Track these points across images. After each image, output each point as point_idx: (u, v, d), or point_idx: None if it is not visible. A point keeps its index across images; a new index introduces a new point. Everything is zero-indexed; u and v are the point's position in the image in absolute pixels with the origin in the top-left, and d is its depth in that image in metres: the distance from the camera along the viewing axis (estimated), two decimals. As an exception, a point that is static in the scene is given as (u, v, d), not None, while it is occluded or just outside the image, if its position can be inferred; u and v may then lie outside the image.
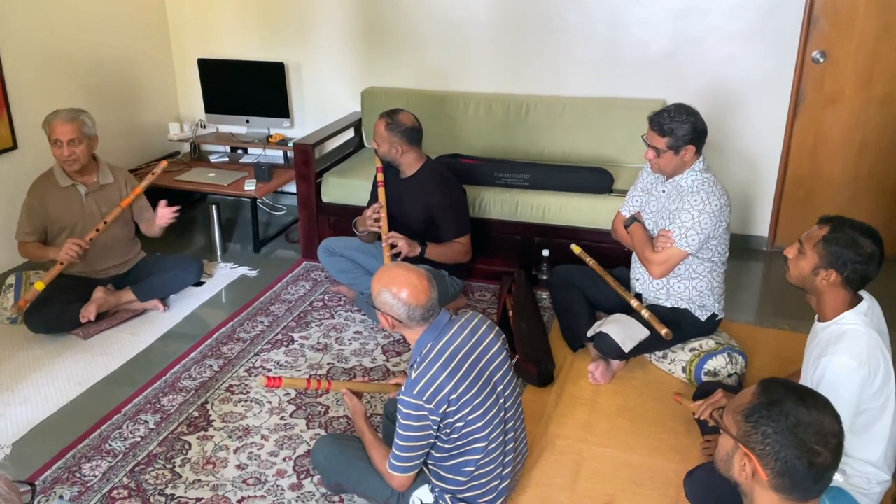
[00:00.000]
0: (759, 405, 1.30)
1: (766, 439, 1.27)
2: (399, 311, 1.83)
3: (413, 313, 1.83)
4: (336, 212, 3.82)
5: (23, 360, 2.96)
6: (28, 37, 3.57)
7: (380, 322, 1.95)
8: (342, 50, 4.33)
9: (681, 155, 2.64)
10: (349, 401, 2.06)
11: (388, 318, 1.85)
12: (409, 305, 1.82)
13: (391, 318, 1.83)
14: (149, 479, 2.31)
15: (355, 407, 2.04)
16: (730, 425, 1.34)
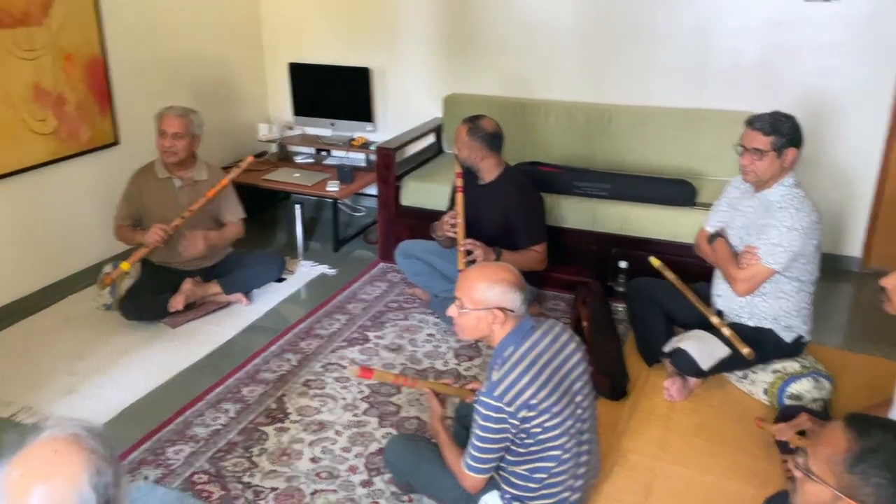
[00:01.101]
0: (861, 453, 1.19)
1: (879, 491, 1.17)
2: (515, 299, 1.86)
3: (524, 303, 1.88)
4: (414, 215, 3.87)
5: (116, 346, 3.13)
6: (132, 40, 3.78)
7: (455, 326, 1.97)
8: (426, 56, 4.40)
9: (782, 158, 2.55)
10: (431, 401, 2.08)
11: (493, 314, 1.85)
12: (523, 293, 1.87)
13: (501, 314, 1.84)
14: (228, 466, 2.40)
15: (435, 408, 2.07)
16: (825, 475, 1.22)
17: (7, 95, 3.16)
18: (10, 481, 1.02)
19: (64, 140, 3.47)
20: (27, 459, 1.04)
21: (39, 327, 3.26)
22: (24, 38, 3.20)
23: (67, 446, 1.05)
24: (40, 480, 1.02)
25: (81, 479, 1.03)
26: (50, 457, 1.04)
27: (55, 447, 1.05)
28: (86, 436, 1.08)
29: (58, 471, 1.03)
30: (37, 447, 1.06)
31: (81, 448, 1.06)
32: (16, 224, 3.32)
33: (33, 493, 1.01)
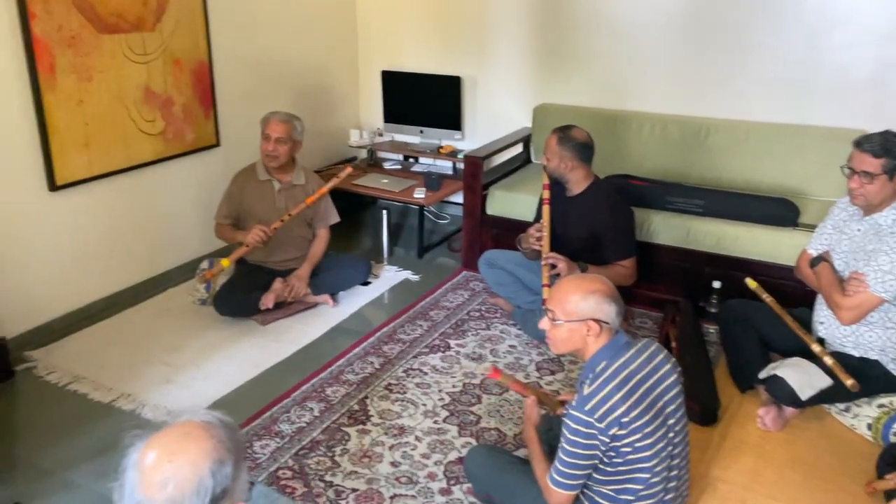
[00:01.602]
0: None
1: None
2: (610, 311, 1.83)
3: (618, 315, 1.84)
4: (499, 225, 3.86)
5: (209, 340, 3.25)
6: (236, 46, 3.93)
7: (547, 339, 1.94)
8: (517, 65, 4.39)
9: (894, 181, 2.41)
10: (530, 408, 2.05)
11: (587, 326, 1.82)
12: (618, 305, 1.83)
13: (595, 325, 1.81)
14: (311, 464, 2.45)
15: (533, 415, 2.03)
16: None
17: (121, 96, 3.35)
18: (144, 459, 1.09)
19: (170, 140, 3.64)
20: (162, 437, 1.11)
21: (140, 318, 3.42)
22: (137, 43, 3.38)
23: (198, 431, 1.11)
24: (168, 459, 1.08)
25: (203, 466, 1.08)
26: (181, 438, 1.10)
27: (188, 430, 1.12)
28: (217, 425, 1.14)
29: (184, 453, 1.09)
30: (173, 428, 1.13)
31: (210, 436, 1.11)
32: (124, 219, 3.50)
33: (161, 469, 1.07)
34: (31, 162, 3.04)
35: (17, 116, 2.96)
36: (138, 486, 1.07)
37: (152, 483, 1.07)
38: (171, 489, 1.06)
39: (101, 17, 3.19)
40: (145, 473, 1.08)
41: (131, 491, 1.08)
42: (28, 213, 3.07)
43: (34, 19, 2.92)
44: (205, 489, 1.08)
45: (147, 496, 1.06)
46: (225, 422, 1.16)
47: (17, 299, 3.08)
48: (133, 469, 1.09)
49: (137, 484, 1.08)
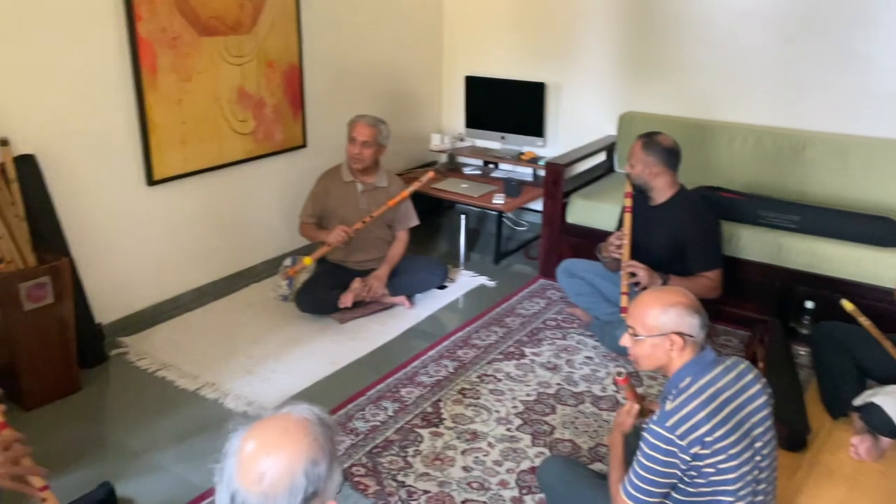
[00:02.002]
0: None
1: None
2: (693, 324, 1.77)
3: (703, 328, 1.77)
4: (579, 233, 3.80)
5: (289, 335, 3.32)
6: (325, 49, 4.03)
7: (630, 356, 1.89)
8: (603, 72, 4.32)
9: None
10: (625, 415, 1.99)
11: (670, 340, 1.76)
12: (701, 317, 1.77)
13: (679, 339, 1.76)
14: (384, 463, 2.47)
15: (626, 423, 1.98)
16: None
17: (216, 97, 3.48)
18: (244, 448, 1.10)
19: (260, 140, 3.76)
20: (262, 430, 1.12)
21: (225, 310, 3.54)
22: (234, 45, 3.51)
23: (296, 427, 1.11)
24: (265, 452, 1.09)
25: (298, 465, 1.09)
26: (280, 434, 1.10)
27: (287, 425, 1.12)
28: (315, 423, 1.13)
29: (282, 449, 1.09)
30: (272, 421, 1.13)
31: (307, 433, 1.11)
32: (214, 214, 3.63)
33: (259, 462, 1.08)
34: (131, 157, 3.20)
35: (121, 114, 3.12)
36: (236, 475, 1.09)
37: (249, 474, 1.08)
38: (265, 484, 1.07)
39: (201, 19, 3.32)
40: (243, 463, 1.09)
41: (230, 477, 1.09)
42: (127, 206, 3.23)
43: (140, 21, 3.07)
44: (297, 488, 1.08)
45: (243, 487, 1.08)
46: (324, 420, 1.16)
47: (114, 288, 3.23)
48: (233, 456, 1.11)
49: (235, 472, 1.09)
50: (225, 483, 1.10)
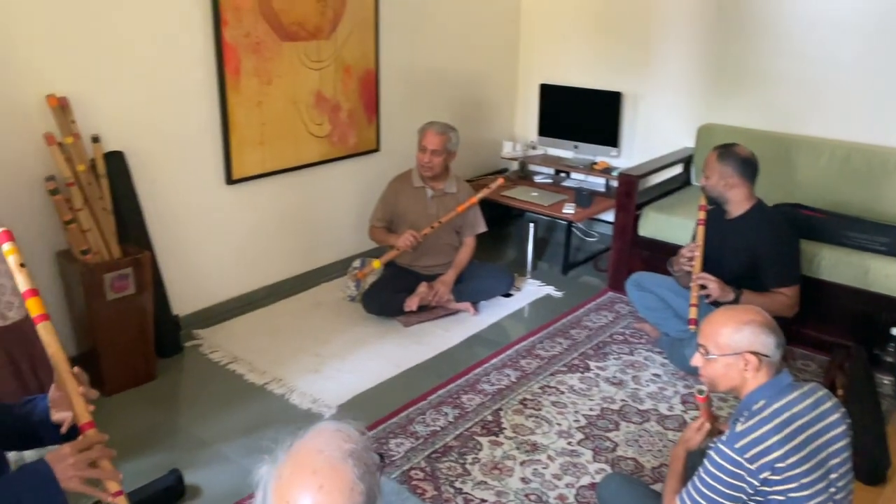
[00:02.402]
0: None
1: None
2: (768, 343, 1.71)
3: (778, 348, 1.71)
4: (650, 247, 3.72)
5: (355, 335, 3.37)
6: (401, 56, 4.08)
7: (701, 377, 1.83)
8: (683, 83, 4.22)
9: None
10: (694, 431, 1.93)
11: (744, 360, 1.71)
12: (776, 336, 1.71)
13: (754, 359, 1.70)
14: (442, 468, 2.47)
15: (694, 439, 1.92)
16: None
17: (295, 100, 3.57)
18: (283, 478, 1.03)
19: (335, 144, 3.84)
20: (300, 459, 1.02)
21: (295, 308, 3.62)
22: (313, 50, 3.60)
23: (332, 480, 1.00)
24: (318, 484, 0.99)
25: None
26: (315, 491, 1.00)
27: (321, 482, 1.00)
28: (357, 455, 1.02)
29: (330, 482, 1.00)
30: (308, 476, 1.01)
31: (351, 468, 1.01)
32: (287, 214, 3.73)
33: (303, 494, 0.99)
34: (212, 156, 3.32)
35: (205, 115, 3.24)
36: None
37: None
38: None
39: (283, 25, 3.42)
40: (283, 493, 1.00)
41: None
42: (206, 203, 3.35)
43: (226, 26, 3.19)
44: None
45: None
46: (365, 472, 1.02)
47: (191, 281, 3.36)
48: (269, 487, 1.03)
49: None
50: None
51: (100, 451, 1.47)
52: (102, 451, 1.47)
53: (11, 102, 2.64)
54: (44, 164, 2.72)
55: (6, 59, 2.60)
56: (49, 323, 1.55)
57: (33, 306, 1.54)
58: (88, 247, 2.74)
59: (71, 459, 1.41)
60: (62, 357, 1.54)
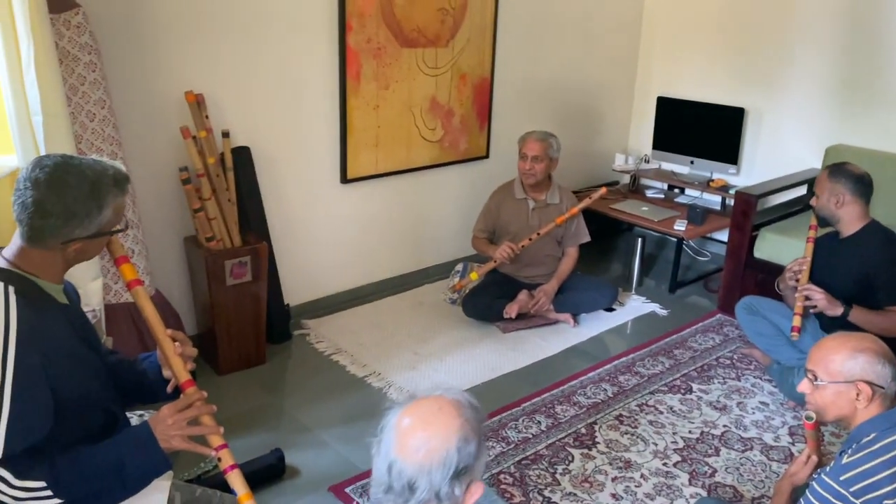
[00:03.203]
0: None
1: None
2: (884, 374, 1.63)
3: (894, 380, 1.63)
4: (766, 269, 3.55)
5: (453, 337, 3.43)
6: (516, 64, 4.11)
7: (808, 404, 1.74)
8: (812, 101, 4.01)
9: None
10: (799, 465, 1.85)
11: (856, 389, 1.62)
12: (893, 369, 1.63)
13: (867, 388, 1.61)
14: (531, 476, 2.47)
15: (801, 474, 1.84)
16: None
17: (410, 105, 3.68)
18: (402, 423, 1.19)
19: (445, 149, 3.92)
20: (417, 409, 1.20)
21: (398, 306, 3.73)
22: (431, 57, 3.69)
23: (450, 408, 1.19)
24: (422, 428, 1.17)
25: (452, 440, 1.16)
26: (435, 411, 1.19)
27: (440, 405, 1.20)
28: (466, 406, 1.21)
29: (436, 425, 1.17)
30: (427, 401, 1.21)
31: (459, 414, 1.19)
32: (396, 215, 3.84)
33: (416, 435, 1.16)
34: (330, 156, 3.47)
35: (325, 116, 3.40)
36: (393, 447, 1.17)
37: (406, 447, 1.16)
38: (421, 455, 1.15)
39: (404, 32, 3.54)
40: (401, 437, 1.17)
41: (387, 450, 1.17)
42: (322, 200, 3.51)
43: (350, 31, 3.33)
44: (450, 462, 1.14)
45: (400, 457, 1.15)
46: (473, 404, 1.23)
47: (304, 274, 3.53)
48: (391, 430, 1.19)
49: (393, 444, 1.17)
50: (382, 455, 1.18)
51: (199, 408, 1.53)
52: (202, 407, 1.54)
53: (154, 97, 2.88)
54: (178, 156, 2.95)
55: (151, 58, 2.84)
56: (142, 288, 1.62)
57: (127, 271, 1.61)
58: (213, 234, 2.93)
59: (170, 420, 1.49)
60: (157, 320, 1.61)
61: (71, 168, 1.44)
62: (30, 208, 1.40)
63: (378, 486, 1.18)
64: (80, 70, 2.52)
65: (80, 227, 1.44)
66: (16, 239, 1.45)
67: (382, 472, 1.17)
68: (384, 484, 1.16)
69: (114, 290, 2.71)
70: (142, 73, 2.82)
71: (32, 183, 1.40)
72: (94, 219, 1.45)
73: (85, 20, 2.50)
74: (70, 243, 1.45)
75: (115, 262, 1.61)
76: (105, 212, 1.47)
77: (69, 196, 1.41)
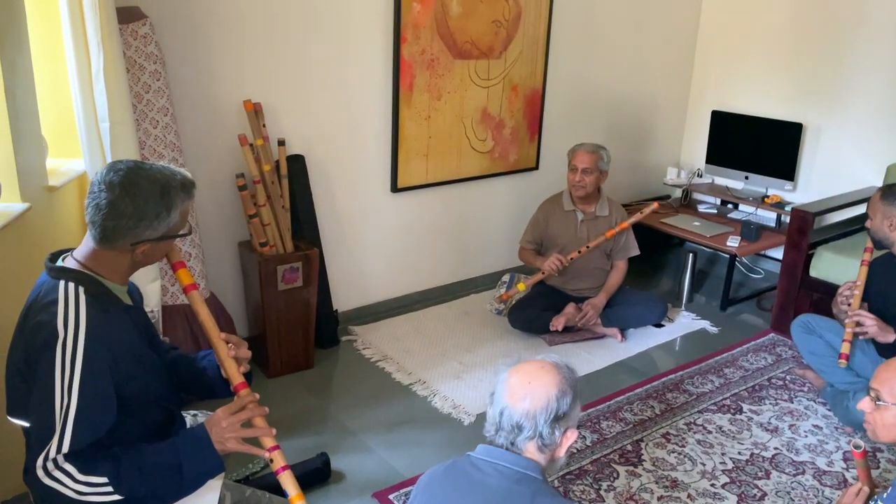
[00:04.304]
0: None
1: None
2: None
3: None
4: (822, 289, 3.45)
5: (498, 348, 3.43)
6: (568, 76, 4.10)
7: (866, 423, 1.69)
8: (873, 117, 3.90)
9: None
10: (851, 497, 1.81)
11: None
12: None
13: None
14: (575, 490, 2.45)
15: (851, 503, 1.80)
16: None
17: (461, 116, 3.71)
18: (511, 378, 1.49)
19: (496, 159, 3.93)
20: (524, 367, 1.50)
21: (444, 315, 3.75)
22: (483, 69, 3.72)
23: (550, 367, 1.50)
24: (528, 381, 1.47)
25: (552, 391, 1.45)
26: (538, 369, 1.49)
27: (542, 364, 1.50)
28: (563, 367, 1.52)
29: (540, 379, 1.47)
30: (531, 363, 1.52)
31: (558, 373, 1.49)
32: (445, 225, 3.87)
33: (523, 386, 1.47)
34: (381, 165, 3.52)
35: (378, 126, 3.45)
36: (504, 396, 1.47)
37: (515, 395, 1.46)
38: (527, 403, 1.45)
39: (457, 44, 3.57)
40: (511, 388, 1.47)
41: (499, 400, 1.48)
42: (373, 209, 3.56)
43: (404, 43, 3.38)
44: (551, 408, 1.44)
45: (510, 404, 1.46)
46: (569, 367, 1.54)
47: (353, 280, 3.58)
48: (502, 384, 1.49)
49: (503, 395, 1.47)
50: (495, 404, 1.48)
51: (252, 410, 1.58)
52: (254, 409, 1.58)
53: (214, 106, 2.97)
54: (235, 162, 3.03)
55: (212, 68, 2.93)
56: (197, 292, 1.68)
57: (183, 276, 1.67)
58: (266, 240, 3.00)
59: (224, 423, 1.55)
60: (212, 323, 1.66)
61: (143, 172, 1.50)
62: (104, 209, 1.46)
63: (491, 427, 1.49)
64: (145, 79, 2.62)
65: (150, 229, 1.50)
66: (87, 241, 1.52)
67: (495, 416, 1.47)
68: (496, 425, 1.47)
69: (170, 292, 2.79)
70: (203, 83, 2.92)
71: (107, 186, 1.46)
72: (162, 221, 1.51)
73: (151, 31, 2.60)
74: (139, 245, 1.51)
75: (172, 267, 1.67)
76: (173, 214, 1.53)
77: (140, 198, 1.47)
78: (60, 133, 2.55)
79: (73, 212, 2.53)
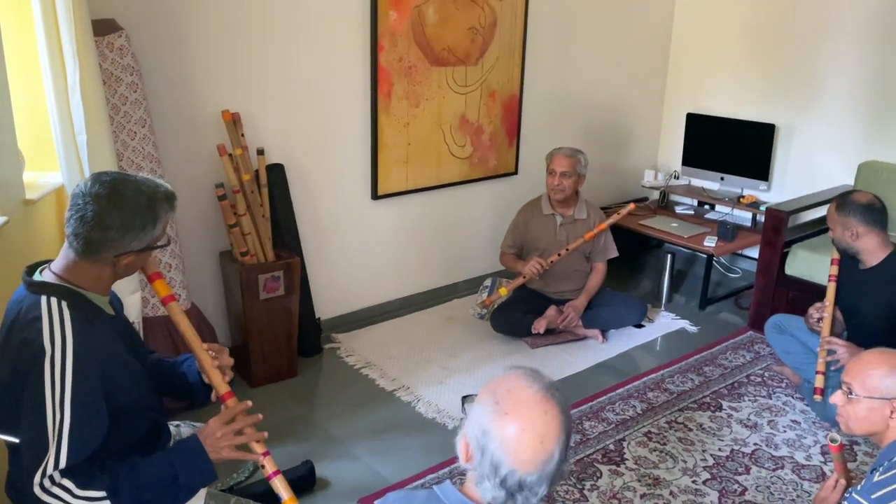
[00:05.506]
0: None
1: None
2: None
3: None
4: (797, 287, 3.52)
5: (481, 352, 3.45)
6: (545, 82, 4.15)
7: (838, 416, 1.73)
8: (843, 117, 3.98)
9: None
10: (829, 490, 1.84)
11: (890, 406, 1.62)
12: None
13: None
14: (559, 491, 2.47)
15: (829, 497, 1.83)
16: None
17: (440, 122, 3.73)
18: (512, 435, 1.17)
19: (475, 165, 3.96)
20: (524, 417, 1.17)
21: (427, 321, 3.76)
22: (461, 75, 3.75)
23: (554, 412, 1.18)
24: (539, 440, 1.16)
25: (561, 438, 1.18)
26: (545, 419, 1.17)
27: (546, 409, 1.18)
28: (563, 402, 1.21)
29: (551, 431, 1.16)
30: (535, 402, 1.19)
31: (560, 410, 1.20)
32: (425, 231, 3.89)
33: (533, 448, 1.16)
34: (361, 172, 3.54)
35: (357, 133, 3.47)
36: (507, 461, 1.16)
37: (526, 461, 1.15)
38: (541, 466, 1.16)
39: (434, 51, 3.60)
40: (517, 454, 1.16)
41: (498, 463, 1.16)
42: (354, 217, 3.57)
43: (382, 51, 3.40)
44: (555, 461, 1.16)
45: (521, 470, 1.15)
46: (559, 389, 1.23)
47: (335, 288, 3.58)
48: (499, 444, 1.16)
49: (505, 459, 1.16)
50: (491, 466, 1.16)
51: (243, 420, 1.61)
52: (245, 419, 1.62)
53: (192, 116, 2.97)
54: (215, 172, 3.03)
55: (190, 79, 2.93)
56: (176, 304, 1.69)
57: (160, 288, 1.67)
58: (247, 249, 3.00)
59: (219, 433, 1.57)
60: (193, 333, 1.68)
61: (128, 184, 1.50)
62: (90, 221, 1.44)
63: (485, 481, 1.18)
64: (122, 90, 2.62)
65: (136, 241, 1.50)
66: (66, 253, 1.51)
67: (496, 485, 1.17)
68: (502, 497, 1.18)
69: (151, 304, 2.79)
70: (181, 93, 2.92)
71: (93, 197, 1.45)
72: (148, 233, 1.51)
73: (127, 42, 2.60)
74: (121, 256, 1.51)
75: (148, 279, 1.67)
76: (158, 226, 1.53)
77: (128, 210, 1.47)
78: (37, 146, 2.54)
79: (51, 225, 2.52)
